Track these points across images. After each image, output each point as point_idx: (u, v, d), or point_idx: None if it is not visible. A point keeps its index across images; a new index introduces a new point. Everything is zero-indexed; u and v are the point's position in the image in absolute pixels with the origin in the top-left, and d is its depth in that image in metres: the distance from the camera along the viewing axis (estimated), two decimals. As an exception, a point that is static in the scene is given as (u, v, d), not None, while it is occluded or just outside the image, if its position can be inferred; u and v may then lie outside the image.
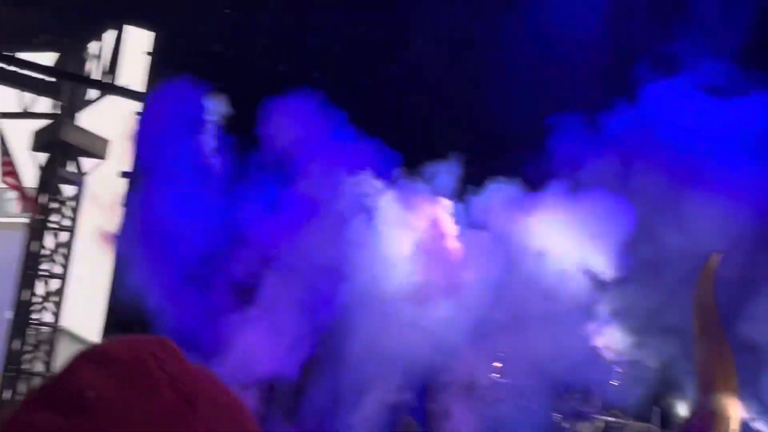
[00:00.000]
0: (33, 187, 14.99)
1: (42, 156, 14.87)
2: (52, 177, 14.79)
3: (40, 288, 14.67)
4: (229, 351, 9.72)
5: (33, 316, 14.55)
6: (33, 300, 14.58)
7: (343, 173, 10.21)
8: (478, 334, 9.36)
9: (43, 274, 14.71)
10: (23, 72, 14.70)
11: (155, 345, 1.06)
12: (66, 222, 14.95)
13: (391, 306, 9.57)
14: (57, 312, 14.73)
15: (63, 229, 14.91)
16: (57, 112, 14.89)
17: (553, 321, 9.09)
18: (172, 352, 1.06)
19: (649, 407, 9.43)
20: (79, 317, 15.87)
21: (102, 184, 13.82)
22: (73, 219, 14.96)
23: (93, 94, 14.98)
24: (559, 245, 9.36)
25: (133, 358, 1.03)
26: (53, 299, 14.73)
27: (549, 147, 9.45)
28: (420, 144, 10.65)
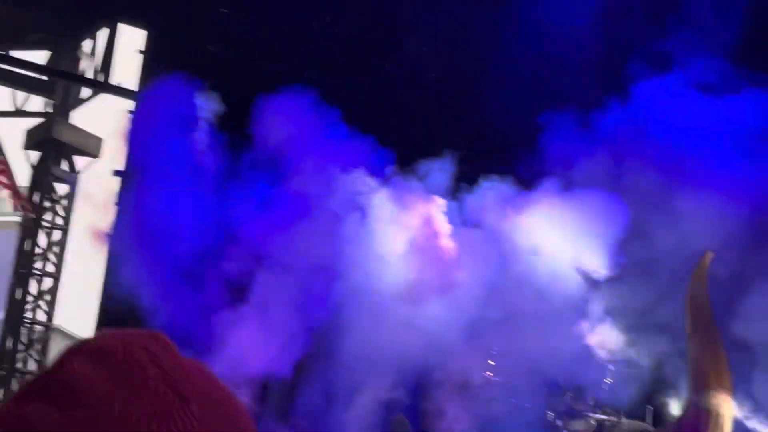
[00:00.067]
0: (26, 186, 14.95)
1: (35, 154, 14.83)
2: (45, 175, 14.74)
3: (33, 287, 14.62)
4: (222, 349, 9.71)
5: (26, 314, 14.50)
6: (26, 298, 14.53)
7: (337, 171, 10.21)
8: (471, 332, 9.37)
9: (36, 272, 14.66)
10: (16, 70, 14.65)
11: (148, 339, 1.05)
12: (59, 220, 14.90)
13: (385, 304, 9.56)
14: (50, 310, 14.68)
15: (56, 228, 14.86)
16: (50, 110, 14.84)
17: (547, 319, 9.11)
18: (165, 346, 1.05)
19: (642, 405, 9.44)
20: (73, 316, 15.86)
21: (95, 182, 13.77)
22: (66, 217, 14.92)
23: (86, 92, 14.92)
24: (552, 243, 9.38)
25: (126, 351, 1.03)
26: (46, 298, 14.69)
27: (542, 145, 9.46)
28: (413, 142, 10.63)
